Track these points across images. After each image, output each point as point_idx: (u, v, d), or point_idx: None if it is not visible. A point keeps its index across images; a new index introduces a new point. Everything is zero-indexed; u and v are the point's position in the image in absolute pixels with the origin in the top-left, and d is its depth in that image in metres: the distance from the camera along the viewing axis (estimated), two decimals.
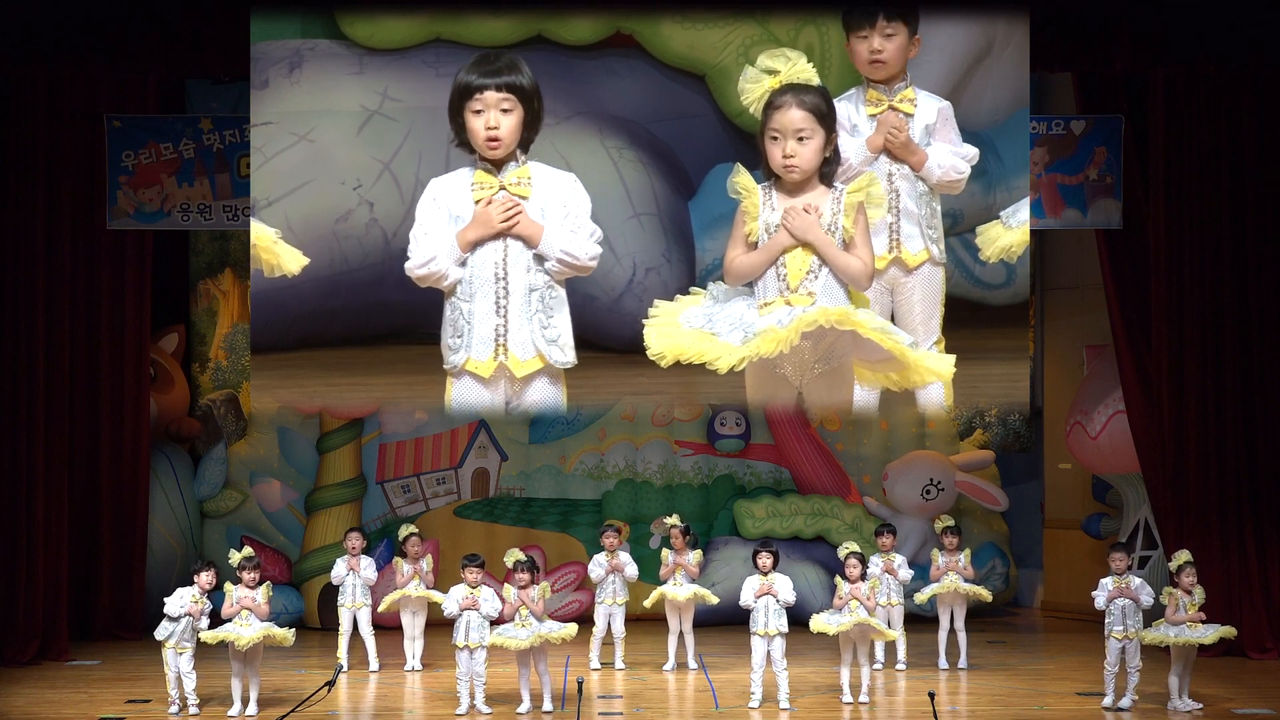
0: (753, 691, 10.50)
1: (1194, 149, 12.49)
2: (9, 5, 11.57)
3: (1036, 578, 15.76)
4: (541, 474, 14.95)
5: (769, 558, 10.52)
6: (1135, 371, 12.92)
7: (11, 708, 10.53)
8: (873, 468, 15.15)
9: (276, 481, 14.63)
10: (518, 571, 10.32)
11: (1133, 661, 10.39)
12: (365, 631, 12.05)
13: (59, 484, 12.55)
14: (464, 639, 10.22)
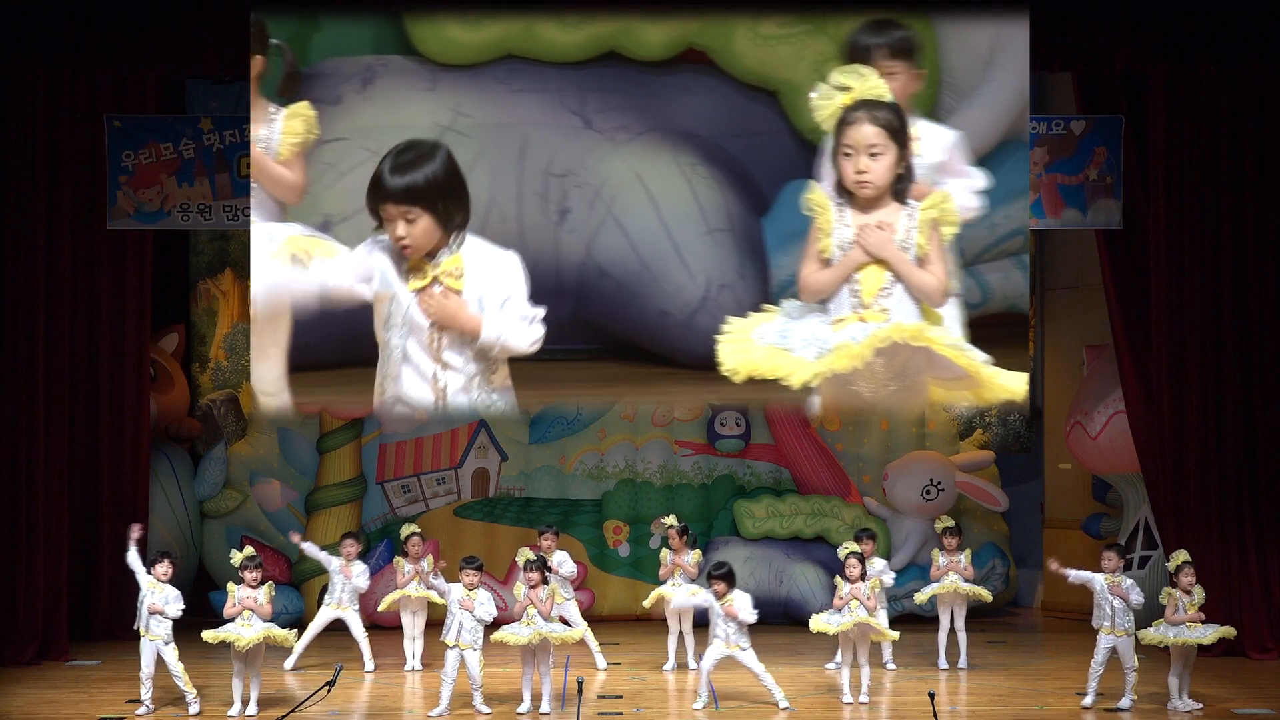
0: (700, 694, 10.51)
1: (1194, 149, 12.49)
2: (9, 5, 11.58)
3: (1036, 578, 15.76)
4: (541, 474, 14.95)
5: (723, 584, 10.42)
6: (1135, 371, 12.92)
7: (11, 708, 10.54)
8: (873, 468, 15.15)
9: (276, 481, 14.63)
10: (528, 571, 10.32)
11: (1128, 661, 10.40)
12: (359, 634, 12.04)
13: (59, 484, 12.55)
14: (454, 638, 10.21)
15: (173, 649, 10.24)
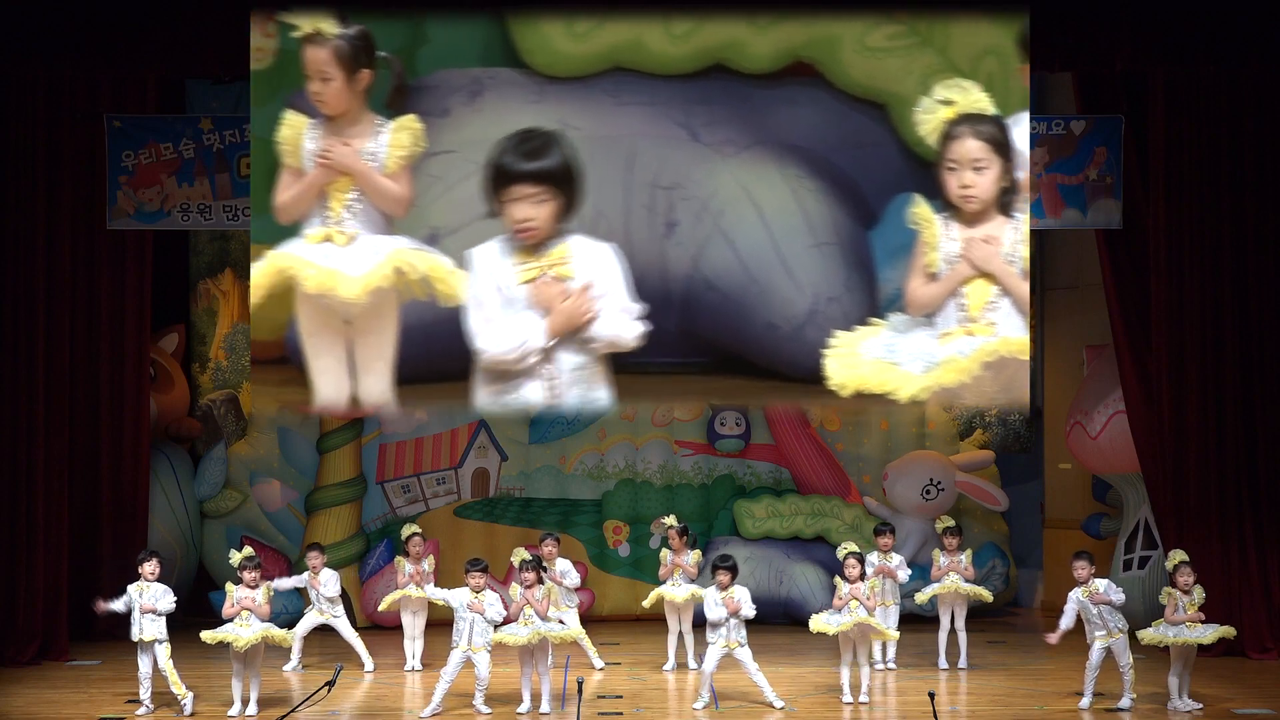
0: (701, 694, 10.52)
1: (1194, 149, 12.49)
2: (9, 5, 11.57)
3: (1036, 578, 15.75)
4: (541, 474, 14.95)
5: (727, 575, 10.48)
6: (1135, 371, 12.92)
7: (11, 708, 10.54)
8: (873, 468, 15.15)
9: (276, 481, 14.63)
10: (524, 571, 10.33)
11: (1123, 660, 10.40)
12: (351, 636, 12.04)
13: (59, 484, 12.55)
14: (466, 643, 10.21)
15: (165, 649, 10.23)
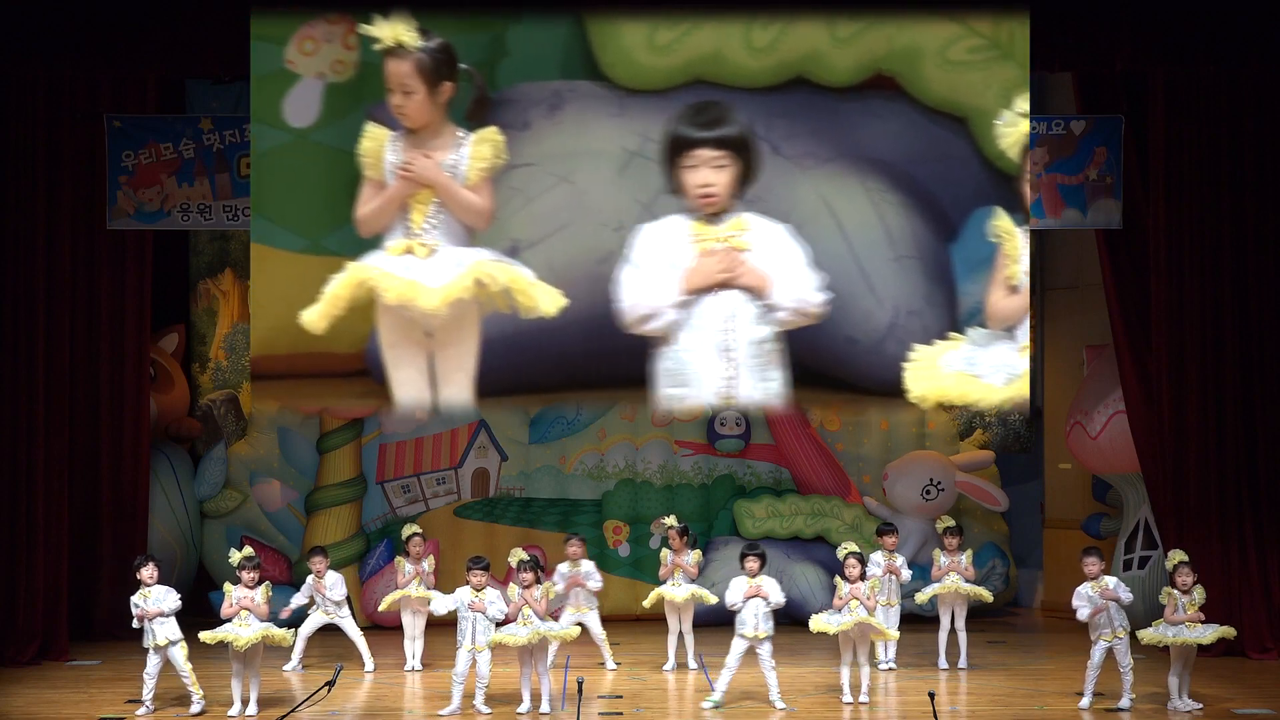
0: (715, 687, 10.50)
1: (1194, 149, 12.49)
2: (9, 5, 11.58)
3: (1036, 578, 15.76)
4: (541, 474, 14.95)
5: (756, 561, 10.53)
6: (1135, 371, 12.92)
7: (11, 708, 10.54)
8: (873, 468, 15.15)
9: (276, 481, 14.63)
10: (522, 571, 10.33)
11: (1124, 661, 10.40)
12: (356, 635, 12.03)
13: (59, 484, 12.55)
14: (470, 641, 10.22)
15: (182, 649, 10.24)
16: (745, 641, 10.44)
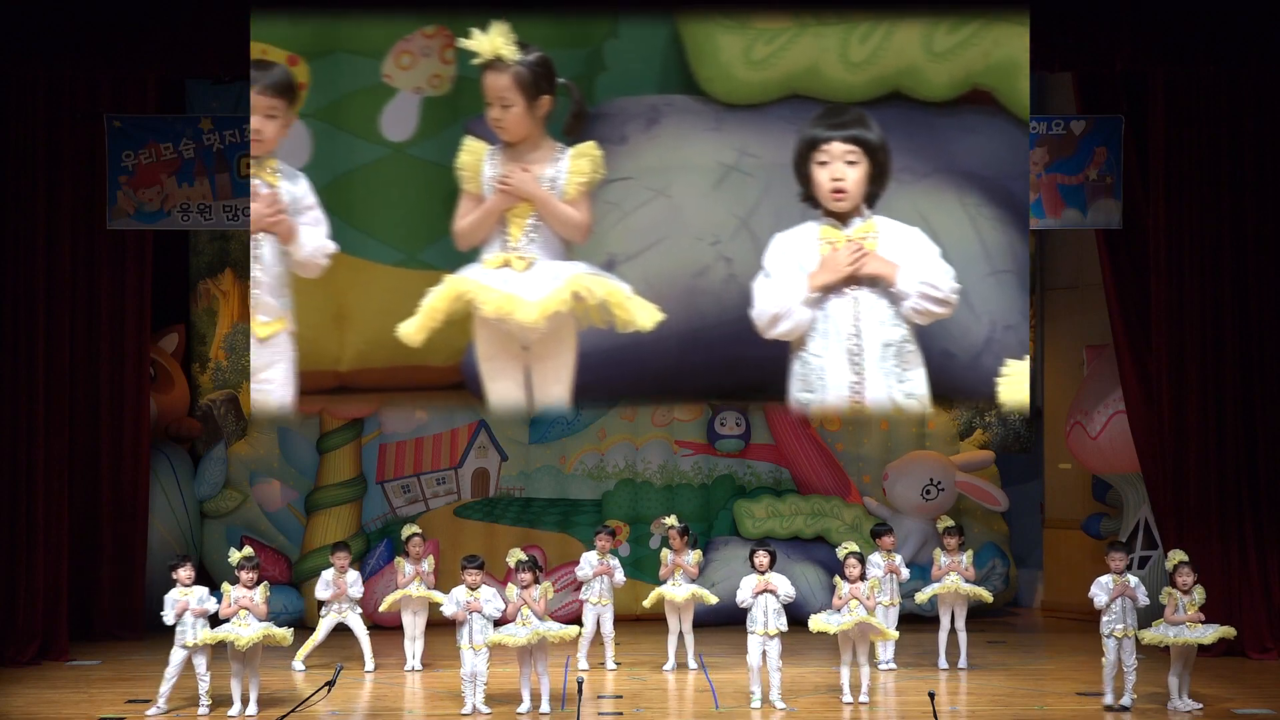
0: (752, 691, 10.51)
1: (1194, 149, 12.49)
2: (9, 5, 11.58)
3: (1036, 578, 15.76)
4: (541, 474, 14.95)
5: (766, 556, 10.54)
6: (1135, 371, 12.92)
7: (11, 708, 10.53)
8: (873, 468, 15.15)
9: (276, 481, 14.63)
10: (520, 571, 10.33)
11: (1129, 661, 10.39)
12: (361, 633, 12.03)
13: (59, 484, 12.55)
14: (469, 640, 10.23)
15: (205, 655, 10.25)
16: (758, 639, 10.44)
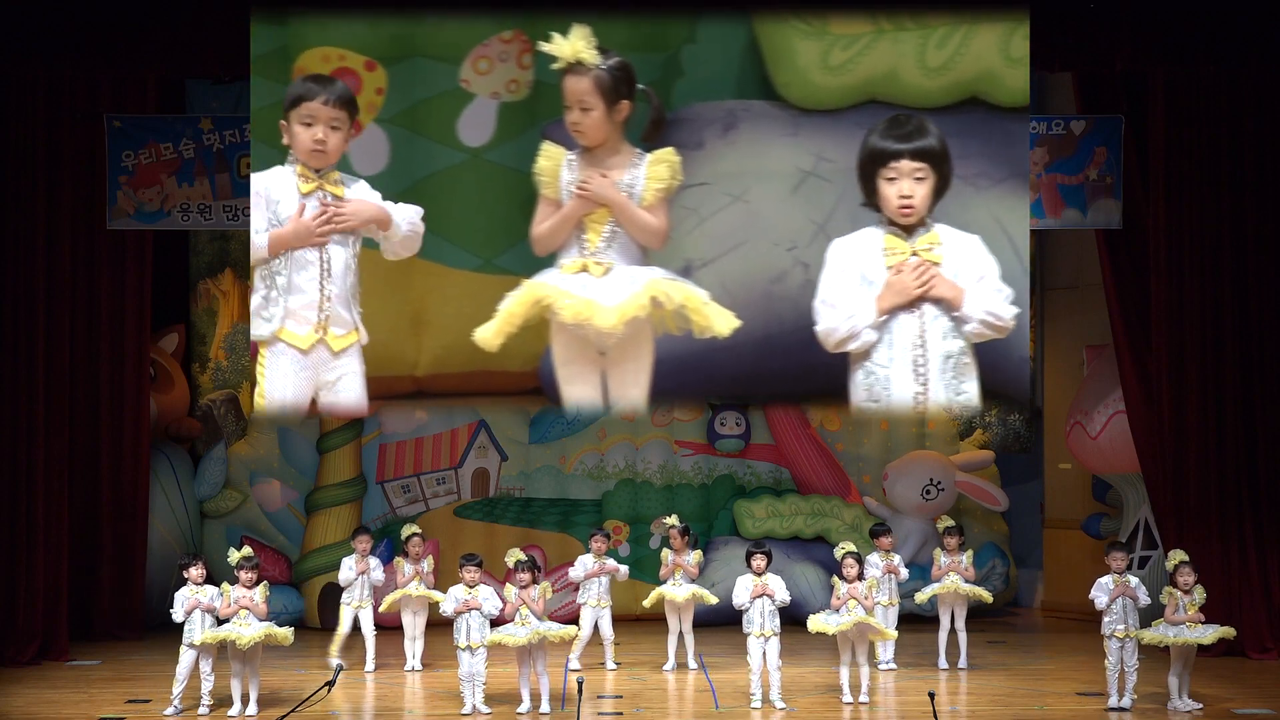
0: (753, 693, 10.51)
1: (1194, 149, 12.49)
2: (9, 5, 11.58)
3: (1036, 578, 15.76)
4: (541, 474, 14.95)
5: (763, 559, 10.54)
6: (1135, 371, 12.92)
7: (11, 708, 10.53)
8: (873, 468, 15.15)
9: (276, 481, 14.63)
10: (518, 571, 10.33)
11: (1130, 661, 10.39)
12: (367, 631, 12.04)
13: (59, 484, 12.55)
14: (465, 639, 10.23)
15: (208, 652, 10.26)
16: (757, 640, 10.45)
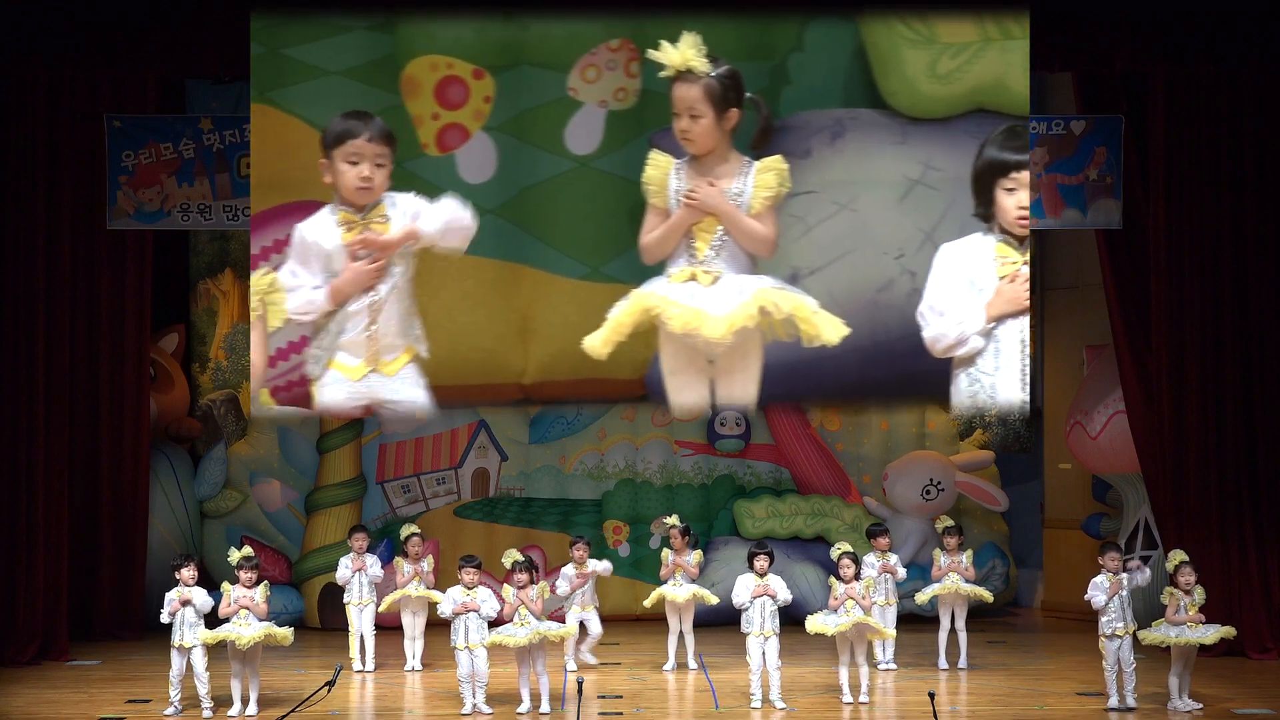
0: (752, 693, 10.50)
1: (1194, 149, 12.48)
2: (9, 5, 11.58)
3: (1036, 578, 15.75)
4: (541, 474, 14.94)
5: (765, 560, 10.54)
6: (1135, 371, 12.92)
7: (11, 708, 10.54)
8: (873, 468, 15.15)
9: (276, 481, 14.63)
10: (516, 572, 10.33)
11: (1128, 659, 10.39)
12: (367, 631, 12.03)
13: (59, 484, 12.55)
14: (463, 640, 10.23)
15: (201, 654, 10.25)
16: (757, 640, 10.45)
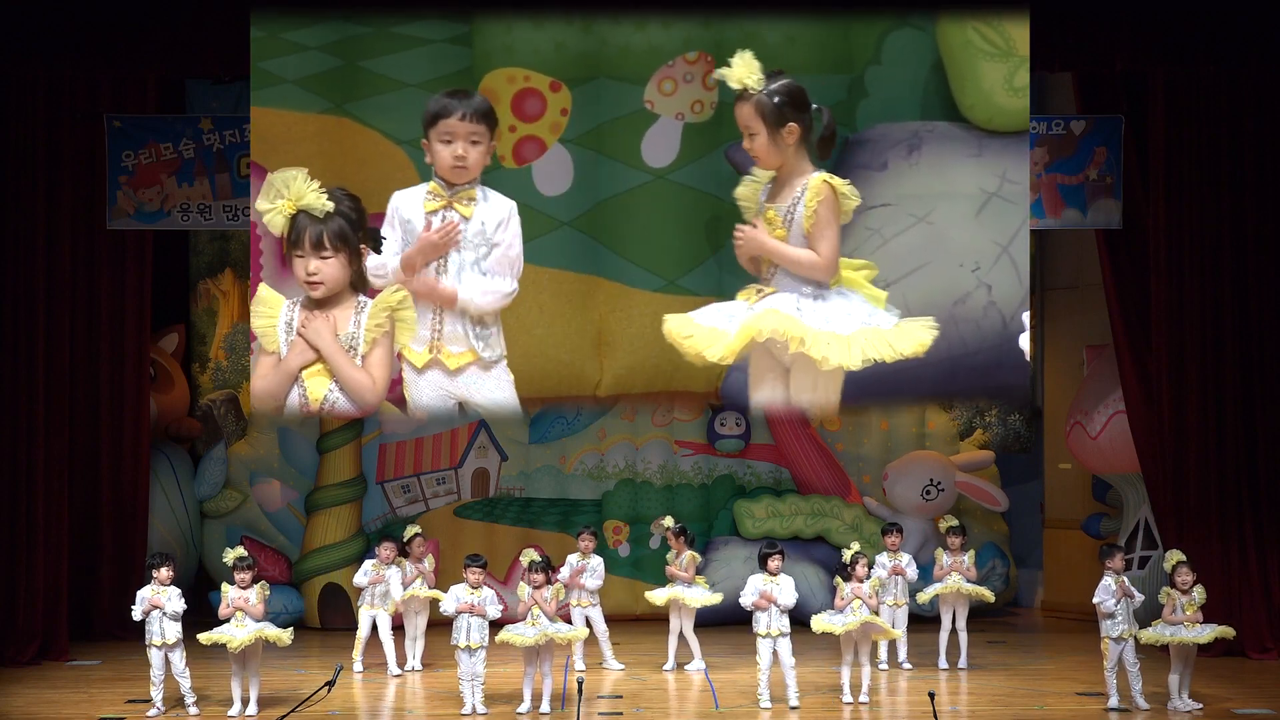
0: (760, 693, 10.50)
1: (1194, 149, 12.49)
2: (9, 5, 11.58)
3: (1036, 578, 15.76)
4: (541, 474, 14.94)
5: (779, 559, 10.52)
6: (1135, 371, 12.92)
7: (11, 708, 10.54)
8: (873, 468, 15.15)
9: (276, 481, 14.62)
10: (533, 572, 10.32)
11: (1130, 659, 10.38)
12: (385, 635, 11.99)
13: (59, 484, 12.55)
14: (465, 640, 10.22)
15: (180, 653, 10.24)
16: (766, 641, 10.44)
